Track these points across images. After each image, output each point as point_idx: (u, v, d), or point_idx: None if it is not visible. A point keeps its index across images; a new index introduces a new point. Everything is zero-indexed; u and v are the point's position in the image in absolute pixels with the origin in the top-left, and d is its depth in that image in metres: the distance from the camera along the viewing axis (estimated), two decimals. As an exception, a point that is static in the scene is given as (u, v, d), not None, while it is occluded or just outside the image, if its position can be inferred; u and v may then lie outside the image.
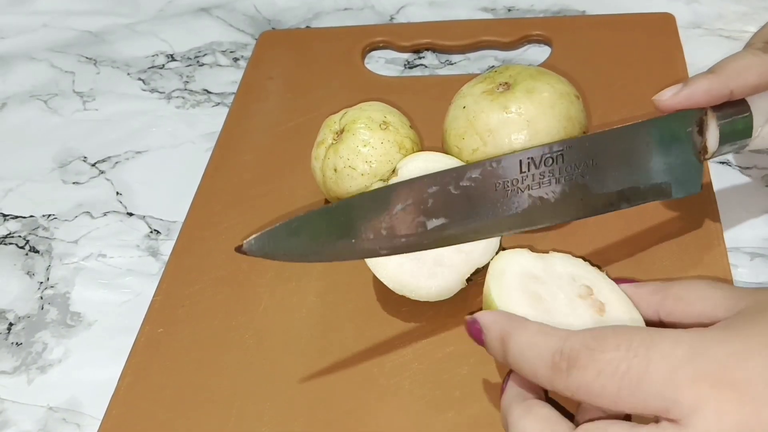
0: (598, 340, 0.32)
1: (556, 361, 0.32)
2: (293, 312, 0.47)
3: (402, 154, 0.47)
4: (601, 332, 0.32)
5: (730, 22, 0.63)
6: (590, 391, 0.31)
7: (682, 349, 0.31)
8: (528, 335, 0.34)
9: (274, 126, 0.60)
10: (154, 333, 0.47)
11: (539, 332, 0.34)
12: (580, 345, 0.32)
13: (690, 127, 0.41)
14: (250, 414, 0.42)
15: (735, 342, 0.31)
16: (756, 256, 0.46)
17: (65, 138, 0.64)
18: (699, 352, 0.30)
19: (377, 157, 0.47)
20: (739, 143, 0.43)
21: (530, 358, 0.33)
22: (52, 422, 0.45)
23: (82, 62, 0.72)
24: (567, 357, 0.32)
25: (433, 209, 0.39)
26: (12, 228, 0.57)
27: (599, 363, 0.31)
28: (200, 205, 0.55)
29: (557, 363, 0.32)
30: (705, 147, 0.42)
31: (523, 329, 0.34)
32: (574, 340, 0.32)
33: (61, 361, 0.48)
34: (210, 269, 0.50)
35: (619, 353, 0.31)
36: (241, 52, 0.70)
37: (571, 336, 0.33)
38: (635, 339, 0.31)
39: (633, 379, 0.30)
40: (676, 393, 0.30)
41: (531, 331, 0.34)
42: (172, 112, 0.65)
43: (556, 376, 0.32)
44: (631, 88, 0.57)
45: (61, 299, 0.52)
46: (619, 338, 0.32)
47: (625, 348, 0.31)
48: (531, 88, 0.46)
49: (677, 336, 0.31)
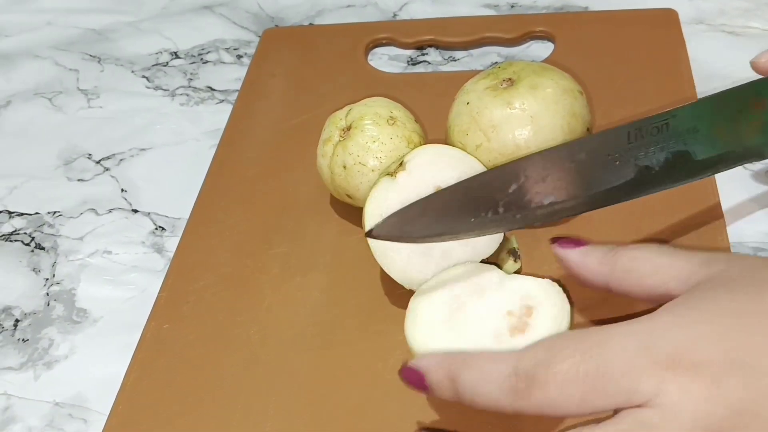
0: (551, 351, 0.31)
1: (513, 384, 0.32)
2: (298, 308, 0.47)
3: (410, 148, 0.47)
4: (550, 343, 0.32)
5: (732, 18, 0.63)
6: (556, 404, 0.31)
7: (635, 341, 0.31)
8: (477, 369, 0.33)
9: (277, 123, 0.60)
10: (159, 329, 0.47)
11: (488, 361, 0.33)
12: (533, 362, 0.31)
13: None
14: (255, 409, 0.42)
15: (687, 328, 0.31)
16: (759, 251, 0.47)
17: (70, 135, 0.65)
18: (652, 341, 0.31)
19: (387, 152, 0.47)
20: None
21: (486, 390, 0.32)
22: (59, 418, 0.45)
23: (86, 60, 0.72)
24: (524, 377, 0.31)
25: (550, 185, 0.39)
26: (17, 225, 0.58)
27: (558, 375, 0.31)
28: (205, 201, 0.55)
29: (515, 386, 0.32)
30: None
31: (470, 364, 0.33)
32: (527, 359, 0.32)
33: (67, 357, 0.49)
34: (215, 266, 0.50)
35: (575, 359, 0.31)
36: (245, 50, 0.70)
37: (521, 356, 0.32)
38: (587, 341, 0.31)
39: (594, 380, 0.30)
40: (637, 382, 0.30)
41: (479, 363, 0.33)
42: (176, 109, 0.65)
43: (517, 398, 0.32)
44: (635, 84, 0.57)
45: (67, 296, 0.52)
46: (571, 345, 0.31)
47: (580, 352, 0.31)
48: (534, 84, 0.46)
49: (627, 328, 0.31)
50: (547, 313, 0.37)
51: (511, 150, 0.46)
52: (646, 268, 0.35)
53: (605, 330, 0.32)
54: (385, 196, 0.44)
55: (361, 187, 0.47)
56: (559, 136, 0.45)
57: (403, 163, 0.45)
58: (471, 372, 0.33)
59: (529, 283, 0.39)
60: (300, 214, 0.53)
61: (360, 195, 0.47)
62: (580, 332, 0.32)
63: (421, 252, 0.43)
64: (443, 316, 0.39)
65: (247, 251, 0.51)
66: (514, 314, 0.38)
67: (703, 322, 0.31)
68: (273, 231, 0.52)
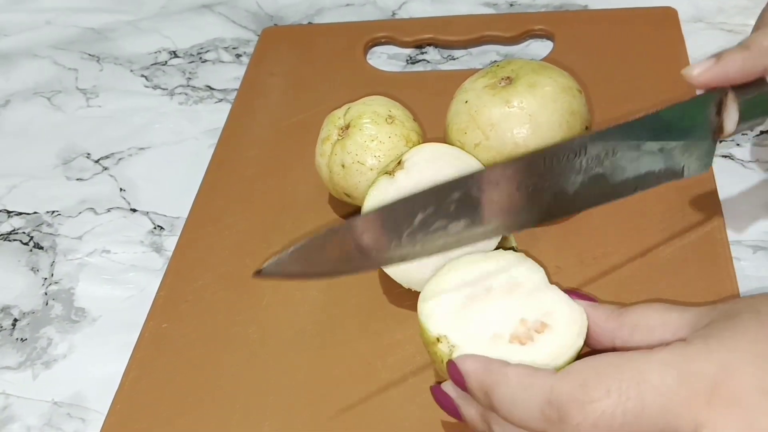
0: (585, 389, 0.31)
1: (546, 414, 0.31)
2: (296, 307, 0.47)
3: (408, 147, 0.47)
4: (585, 378, 0.31)
5: (731, 16, 0.63)
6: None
7: (672, 376, 0.30)
8: (511, 388, 0.33)
9: (276, 122, 0.60)
10: (158, 328, 0.47)
11: (522, 384, 0.33)
12: (567, 397, 0.31)
13: (708, 108, 0.40)
14: (254, 408, 0.42)
15: (720, 354, 0.30)
16: (758, 249, 0.46)
17: (69, 135, 0.65)
18: (689, 374, 0.30)
19: (385, 151, 0.47)
20: (757, 121, 0.41)
21: (519, 411, 0.32)
22: (57, 417, 0.45)
23: (85, 59, 0.72)
24: (557, 409, 0.31)
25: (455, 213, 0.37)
26: (16, 224, 0.58)
27: (593, 414, 0.30)
28: (203, 201, 0.55)
29: (548, 415, 0.31)
30: (721, 127, 0.41)
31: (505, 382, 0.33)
32: (561, 390, 0.31)
33: (65, 356, 0.48)
34: (214, 265, 0.50)
35: (611, 400, 0.30)
36: (244, 49, 0.70)
37: (555, 385, 0.32)
38: (624, 378, 0.31)
39: (631, 422, 0.30)
40: (676, 421, 0.30)
41: (513, 382, 0.33)
42: (175, 108, 0.65)
43: (549, 426, 0.31)
44: (634, 82, 0.57)
45: (66, 295, 0.52)
46: (606, 382, 0.31)
47: (616, 392, 0.30)
48: (533, 83, 0.46)
49: (664, 358, 0.31)
50: (557, 340, 0.36)
51: (509, 148, 0.46)
52: (655, 321, 0.34)
53: (641, 361, 0.31)
54: (383, 196, 0.44)
55: (360, 185, 0.47)
56: (558, 134, 0.45)
57: (401, 162, 0.45)
58: (506, 391, 0.33)
59: (563, 304, 0.37)
60: (299, 213, 0.53)
61: (358, 194, 0.47)
62: (616, 360, 0.32)
63: None
64: (462, 300, 0.38)
65: (246, 250, 0.51)
66: (526, 323, 0.37)
67: (733, 353, 0.31)
68: (272, 230, 0.52)
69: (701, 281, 0.44)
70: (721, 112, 0.40)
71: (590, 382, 0.31)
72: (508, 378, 0.33)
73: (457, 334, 0.36)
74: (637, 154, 0.40)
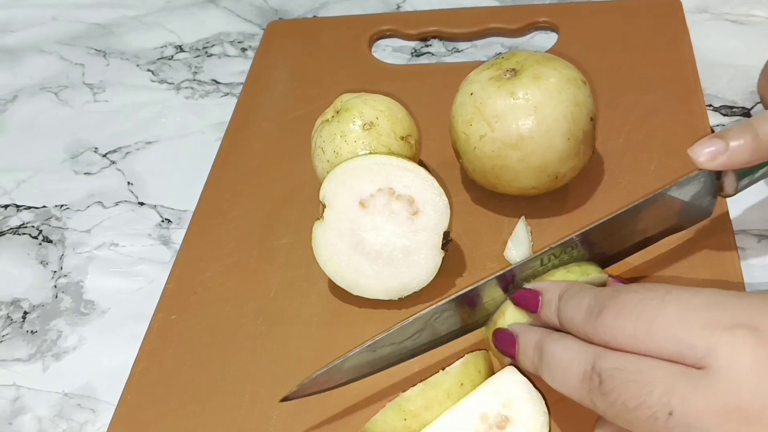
0: (619, 293, 0.32)
1: (591, 310, 0.33)
2: (303, 298, 0.47)
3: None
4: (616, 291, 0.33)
5: (735, 6, 0.63)
6: (614, 333, 0.32)
7: (700, 299, 0.31)
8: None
9: (282, 115, 0.61)
10: (166, 320, 0.48)
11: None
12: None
13: (707, 179, 0.41)
14: (261, 398, 0.43)
15: (754, 297, 0.30)
16: (763, 239, 0.47)
17: (76, 129, 0.65)
18: (716, 302, 0.30)
19: (345, 152, 0.47)
20: (758, 180, 0.42)
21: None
22: (68, 408, 0.46)
23: (91, 54, 0.72)
24: (599, 304, 0.33)
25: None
26: (25, 218, 0.58)
27: (618, 303, 0.32)
28: (210, 193, 0.55)
29: (591, 311, 0.33)
30: (722, 188, 0.41)
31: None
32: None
33: (75, 348, 0.49)
34: (221, 256, 0.51)
35: (639, 292, 0.32)
36: (249, 42, 0.70)
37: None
38: (656, 287, 0.32)
39: (648, 318, 0.31)
40: (691, 336, 0.30)
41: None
42: (181, 102, 0.66)
43: (587, 322, 0.33)
44: (638, 73, 0.57)
45: (75, 288, 0.52)
46: (637, 289, 0.32)
47: (646, 289, 0.32)
48: (538, 74, 0.46)
49: (697, 289, 0.32)
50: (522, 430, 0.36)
51: (514, 140, 0.46)
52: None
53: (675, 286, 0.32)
54: (327, 243, 0.45)
55: (317, 170, 0.48)
56: (563, 126, 0.45)
57: (321, 202, 0.45)
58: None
59: (519, 387, 0.37)
60: (304, 205, 0.53)
61: (318, 177, 0.48)
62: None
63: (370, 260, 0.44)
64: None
65: (252, 242, 0.51)
66: (487, 419, 0.36)
67: (757, 296, 0.31)
68: (278, 222, 0.52)
69: (706, 270, 0.44)
70: (721, 177, 0.41)
71: (621, 293, 0.33)
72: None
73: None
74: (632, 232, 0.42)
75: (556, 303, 0.36)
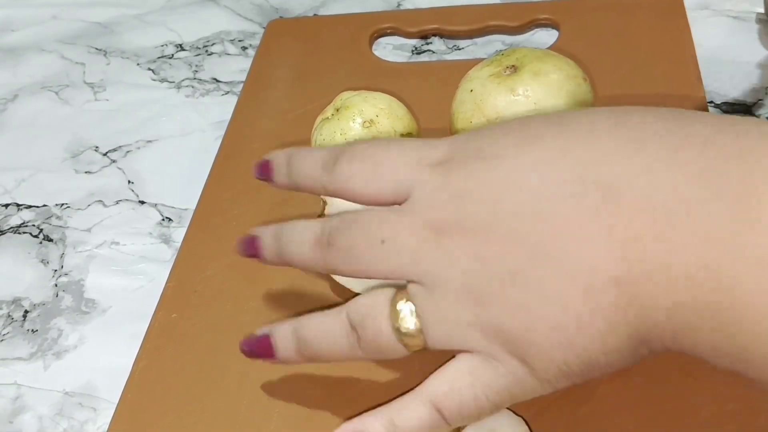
0: (351, 144, 0.36)
1: (326, 164, 0.36)
2: (304, 296, 0.47)
3: None
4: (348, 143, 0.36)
5: (737, 3, 0.63)
6: (349, 178, 0.34)
7: (417, 143, 0.34)
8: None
9: (283, 113, 0.61)
10: (167, 318, 0.48)
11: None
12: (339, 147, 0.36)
13: None
14: (262, 398, 0.43)
15: (459, 136, 0.34)
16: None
17: (77, 128, 0.65)
18: (428, 144, 0.34)
19: None
20: None
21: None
22: (69, 407, 0.46)
23: (92, 53, 0.72)
24: (334, 155, 0.35)
25: None
26: (26, 217, 0.58)
27: (351, 150, 0.35)
28: (211, 192, 0.55)
29: (326, 164, 0.36)
30: None
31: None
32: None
33: (76, 347, 0.49)
34: (222, 255, 0.51)
35: (370, 142, 0.35)
36: (249, 41, 0.70)
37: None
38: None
39: (376, 161, 0.34)
40: (403, 173, 0.33)
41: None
42: (182, 101, 0.66)
43: (325, 172, 0.36)
44: (640, 70, 0.57)
45: (76, 286, 0.52)
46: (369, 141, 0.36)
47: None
48: (538, 71, 0.46)
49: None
50: None
51: (515, 137, 0.46)
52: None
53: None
54: None
55: None
56: (564, 122, 0.45)
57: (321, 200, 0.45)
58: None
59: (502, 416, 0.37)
60: (305, 203, 0.53)
61: None
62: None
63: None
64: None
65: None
66: None
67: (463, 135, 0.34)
68: (279, 220, 0.52)
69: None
70: None
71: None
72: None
73: None
74: None
75: (287, 167, 0.39)
